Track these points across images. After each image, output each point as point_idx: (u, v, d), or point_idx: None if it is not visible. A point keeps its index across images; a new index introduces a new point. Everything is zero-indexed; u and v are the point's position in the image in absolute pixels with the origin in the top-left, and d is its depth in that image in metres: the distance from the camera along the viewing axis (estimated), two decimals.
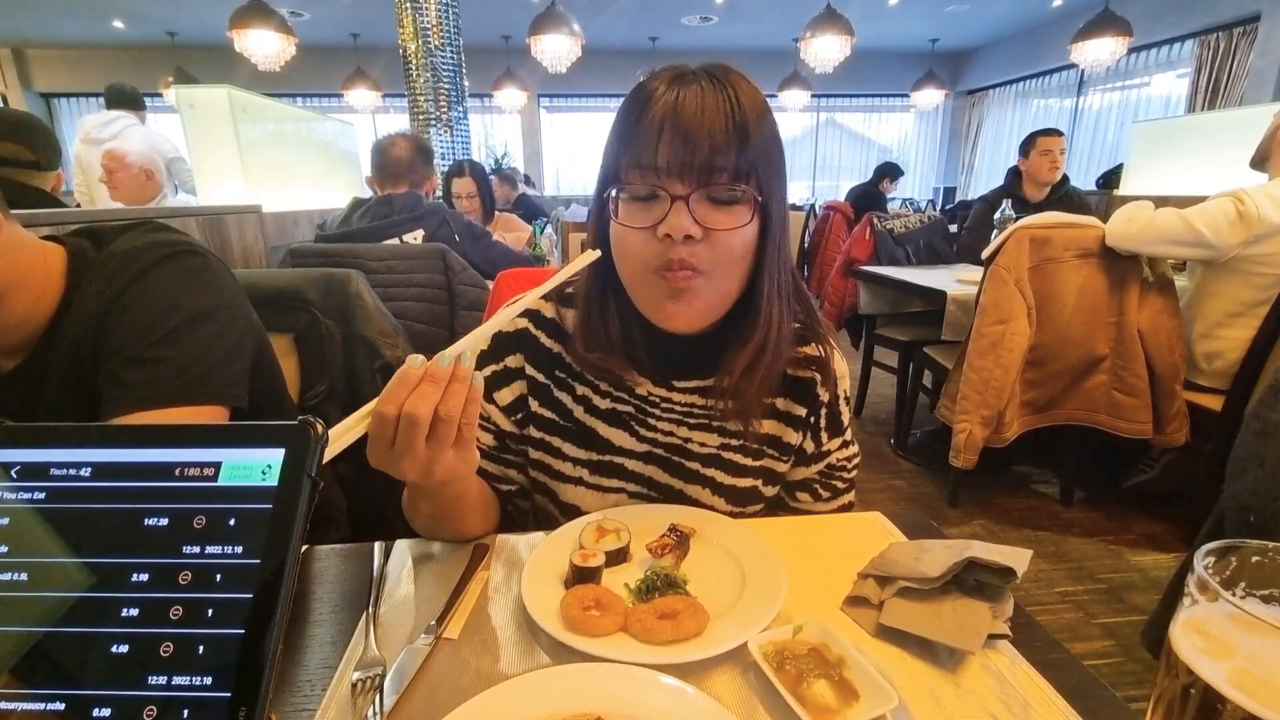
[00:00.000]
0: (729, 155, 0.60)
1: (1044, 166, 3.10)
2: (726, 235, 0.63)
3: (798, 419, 0.78)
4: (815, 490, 0.83)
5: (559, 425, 0.76)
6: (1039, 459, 2.65)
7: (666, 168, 0.61)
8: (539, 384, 0.76)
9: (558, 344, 0.77)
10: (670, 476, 0.77)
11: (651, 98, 0.62)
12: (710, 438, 0.76)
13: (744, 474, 0.77)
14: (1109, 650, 1.67)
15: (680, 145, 0.60)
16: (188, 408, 0.72)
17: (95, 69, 8.21)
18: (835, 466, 0.83)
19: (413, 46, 4.19)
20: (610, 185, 0.65)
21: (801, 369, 0.77)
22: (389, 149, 2.12)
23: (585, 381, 0.76)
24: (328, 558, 0.69)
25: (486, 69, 7.30)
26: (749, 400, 0.72)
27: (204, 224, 2.04)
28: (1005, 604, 0.57)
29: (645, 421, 0.76)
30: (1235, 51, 5.56)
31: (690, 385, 0.75)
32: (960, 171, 9.69)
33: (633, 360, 0.73)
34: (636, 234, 0.63)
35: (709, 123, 0.60)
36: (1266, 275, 1.84)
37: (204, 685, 0.29)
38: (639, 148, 0.61)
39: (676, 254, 0.62)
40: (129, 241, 0.78)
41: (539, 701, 0.46)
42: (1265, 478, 0.86)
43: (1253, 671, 0.26)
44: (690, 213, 0.61)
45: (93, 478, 0.33)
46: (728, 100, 0.61)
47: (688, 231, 0.61)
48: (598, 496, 0.77)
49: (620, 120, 0.65)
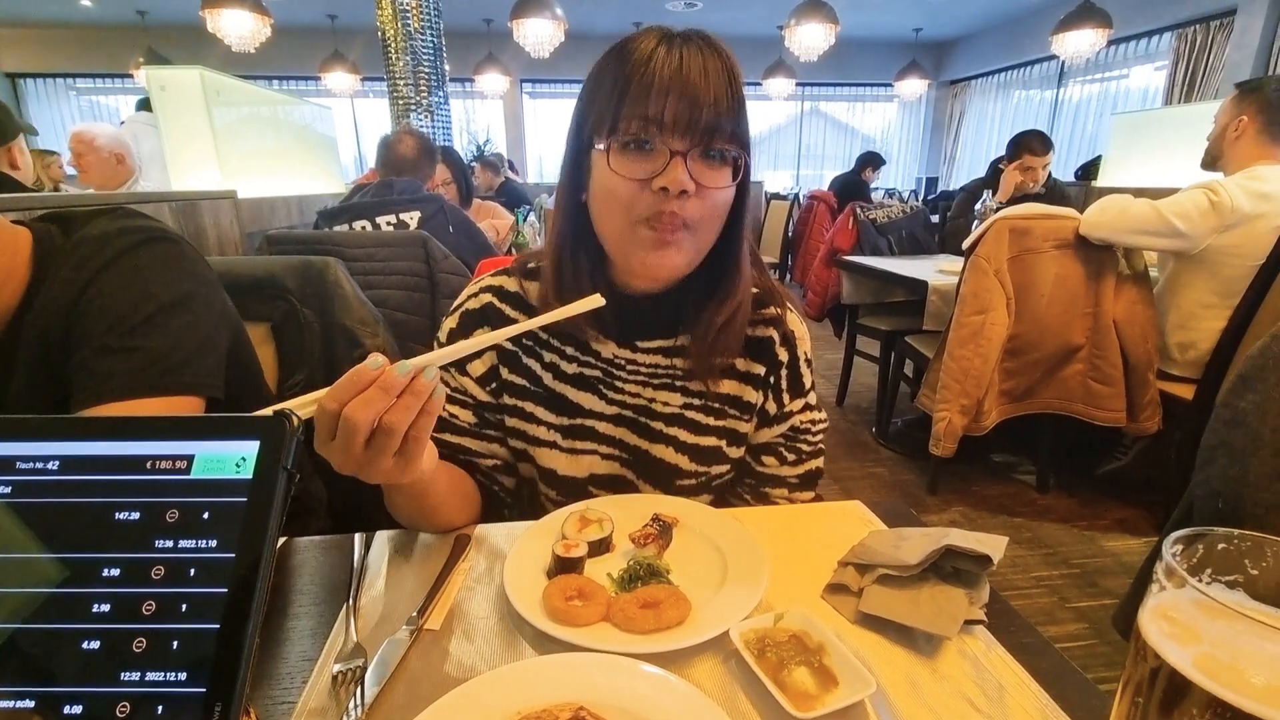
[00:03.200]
0: (728, 118, 0.64)
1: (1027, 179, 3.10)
2: (715, 193, 0.66)
3: (756, 377, 0.80)
4: (780, 453, 0.84)
5: (530, 391, 0.79)
6: (1016, 447, 2.70)
7: (672, 124, 0.62)
8: (508, 352, 0.79)
9: (523, 315, 0.78)
10: (638, 438, 0.79)
11: (651, 55, 0.63)
12: (674, 397, 0.79)
13: (706, 433, 0.79)
14: (1082, 633, 1.71)
15: (686, 104, 0.62)
16: (161, 398, 0.70)
17: (63, 49, 7.96)
18: (799, 429, 0.84)
19: (391, 29, 4.10)
20: (599, 134, 0.66)
21: (759, 329, 0.80)
22: (395, 145, 2.19)
23: (552, 349, 0.78)
24: (307, 549, 0.68)
25: (468, 53, 7.18)
26: (712, 358, 0.75)
27: (177, 210, 1.99)
28: (982, 590, 0.58)
29: (612, 384, 0.78)
30: (1212, 44, 5.64)
31: (653, 345, 0.78)
32: (942, 162, 9.76)
33: (597, 321, 0.75)
34: (629, 185, 0.65)
35: (713, 86, 0.63)
36: (1237, 267, 1.88)
37: (178, 681, 0.29)
38: (644, 102, 0.62)
39: (669, 206, 0.64)
40: (99, 227, 0.75)
41: (521, 692, 0.46)
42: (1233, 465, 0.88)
43: (1217, 656, 0.27)
44: (687, 169, 0.63)
45: (61, 471, 0.32)
46: (726, 66, 0.64)
47: (684, 186, 0.63)
48: (571, 459, 0.79)
49: (613, 74, 0.65)
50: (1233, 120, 2.00)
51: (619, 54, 0.65)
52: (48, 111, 8.38)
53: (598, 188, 0.68)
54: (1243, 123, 1.97)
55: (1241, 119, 1.98)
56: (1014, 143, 3.11)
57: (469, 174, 2.85)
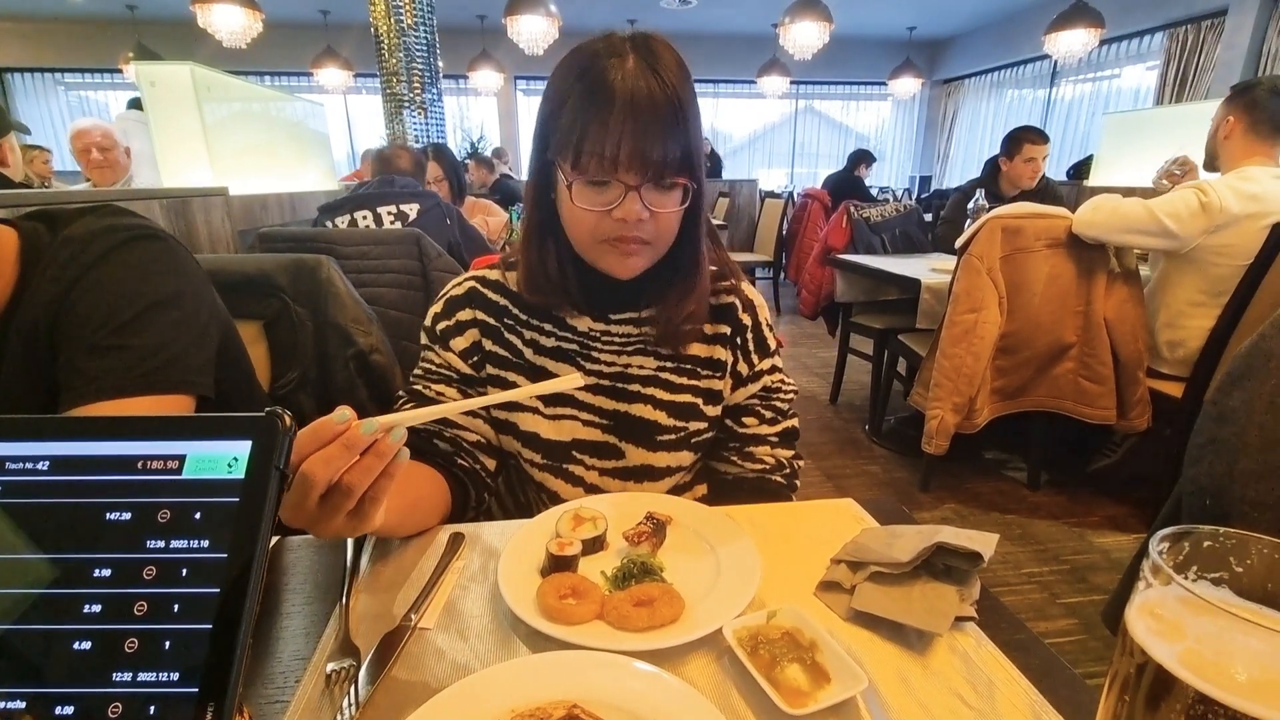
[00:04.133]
0: (675, 147, 0.69)
1: (1025, 173, 3.08)
2: (668, 214, 0.73)
3: (724, 337, 0.86)
4: (759, 413, 0.89)
5: (512, 362, 0.84)
6: (1008, 445, 2.72)
7: (627, 162, 0.68)
8: (490, 326, 0.84)
9: (504, 298, 0.85)
10: (616, 401, 0.84)
11: (607, 88, 0.67)
12: (648, 361, 0.84)
13: (682, 391, 0.85)
14: (1072, 629, 1.72)
15: (638, 145, 0.67)
16: (151, 397, 0.70)
17: (52, 44, 7.88)
18: (771, 389, 0.90)
19: (384, 25, 4.08)
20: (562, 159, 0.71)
21: (722, 297, 0.87)
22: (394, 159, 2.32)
23: (531, 326, 0.84)
24: (300, 548, 0.68)
25: (461, 50, 7.15)
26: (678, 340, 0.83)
27: (167, 207, 1.98)
28: (972, 587, 0.59)
29: (589, 356, 0.83)
30: (1203, 44, 5.67)
31: (624, 317, 0.84)
32: (936, 161, 9.79)
33: (570, 299, 0.81)
34: (591, 214, 0.72)
35: (660, 118, 0.67)
36: (1226, 266, 1.89)
37: (170, 681, 0.29)
38: (600, 141, 0.67)
39: (629, 232, 0.72)
40: (86, 225, 0.75)
41: (515, 690, 0.46)
42: (1221, 463, 0.89)
43: (1202, 653, 0.27)
44: (641, 199, 0.70)
45: (51, 471, 0.32)
46: (669, 88, 0.68)
47: (639, 216, 0.70)
48: (553, 425, 0.83)
49: (575, 100, 0.69)
50: (1222, 121, 2.02)
51: (580, 75, 0.69)
52: (36, 107, 8.30)
53: (564, 206, 0.75)
54: (1230, 123, 1.99)
55: (1229, 119, 1.99)
56: (1010, 138, 3.09)
57: (461, 171, 2.84)
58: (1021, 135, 3.08)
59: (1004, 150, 3.13)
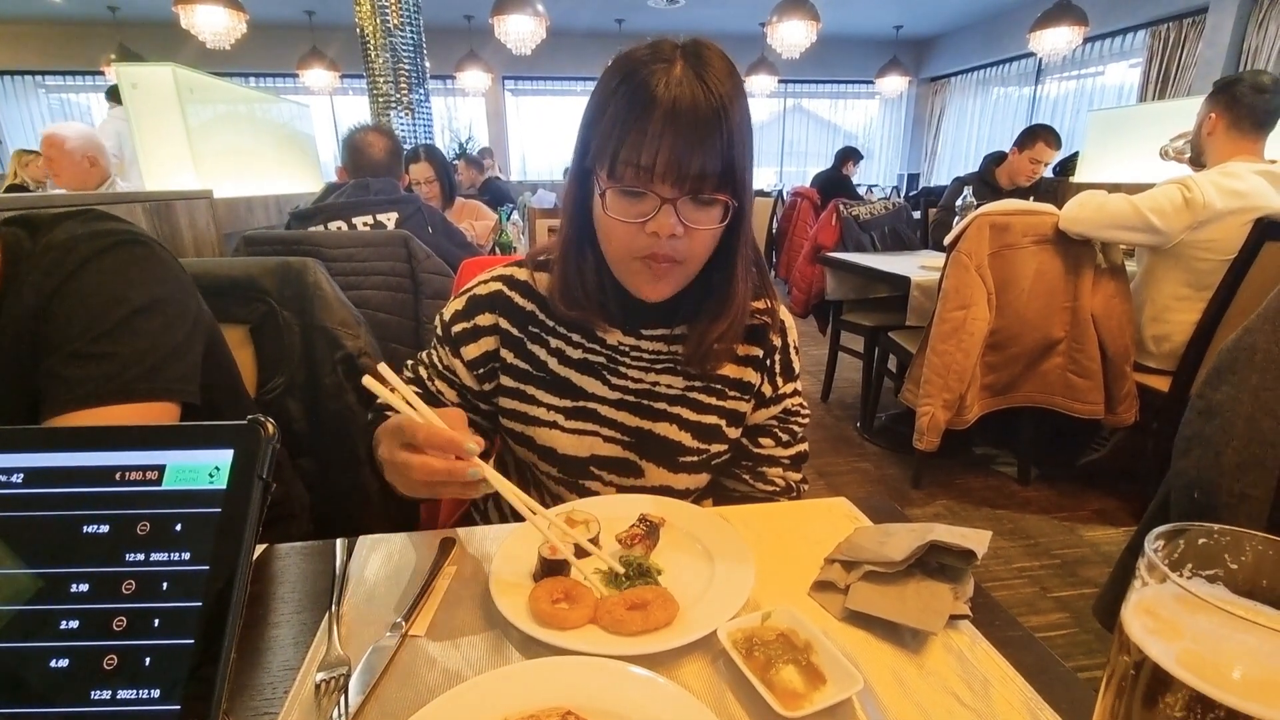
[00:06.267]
0: (716, 162, 0.65)
1: (1026, 171, 3.13)
2: (705, 232, 0.69)
3: (755, 359, 0.84)
4: (775, 434, 0.89)
5: (533, 375, 0.81)
6: (998, 440, 2.73)
7: (663, 173, 0.65)
8: (513, 337, 0.81)
9: (531, 303, 0.82)
10: (640, 419, 0.81)
11: (650, 94, 0.64)
12: (676, 380, 0.82)
13: (708, 411, 0.83)
14: (1063, 622, 1.74)
15: (676, 155, 0.64)
16: (134, 405, 0.69)
17: (31, 45, 7.76)
18: (790, 411, 0.89)
19: (370, 25, 4.05)
20: (599, 167, 0.68)
21: (755, 317, 0.84)
22: (365, 149, 2.10)
23: (558, 335, 0.81)
24: (288, 556, 0.67)
25: (449, 50, 7.11)
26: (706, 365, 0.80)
27: (151, 211, 1.95)
28: (966, 584, 0.59)
29: (616, 370, 0.81)
30: (1184, 42, 5.74)
31: (656, 333, 0.81)
32: (924, 158, 9.85)
33: (604, 311, 0.78)
34: (625, 226, 0.68)
35: (702, 132, 0.64)
36: (1210, 261, 1.91)
37: (151, 698, 0.28)
38: (637, 150, 0.64)
39: (661, 248, 0.68)
40: (68, 231, 0.73)
41: (509, 697, 0.46)
42: (1208, 456, 0.90)
43: (1199, 652, 0.27)
44: (676, 213, 0.66)
45: (25, 484, 0.31)
46: (715, 97, 0.64)
47: (673, 231, 0.67)
48: (573, 439, 0.81)
49: (616, 105, 0.66)
50: (1205, 118, 2.04)
51: (624, 79, 0.66)
52: (16, 110, 8.17)
53: (599, 217, 0.72)
54: (1213, 120, 2.01)
55: (1212, 116, 2.02)
56: (1028, 131, 3.13)
57: (452, 172, 2.82)
58: (1040, 132, 3.12)
59: (1017, 141, 3.17)
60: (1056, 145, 3.09)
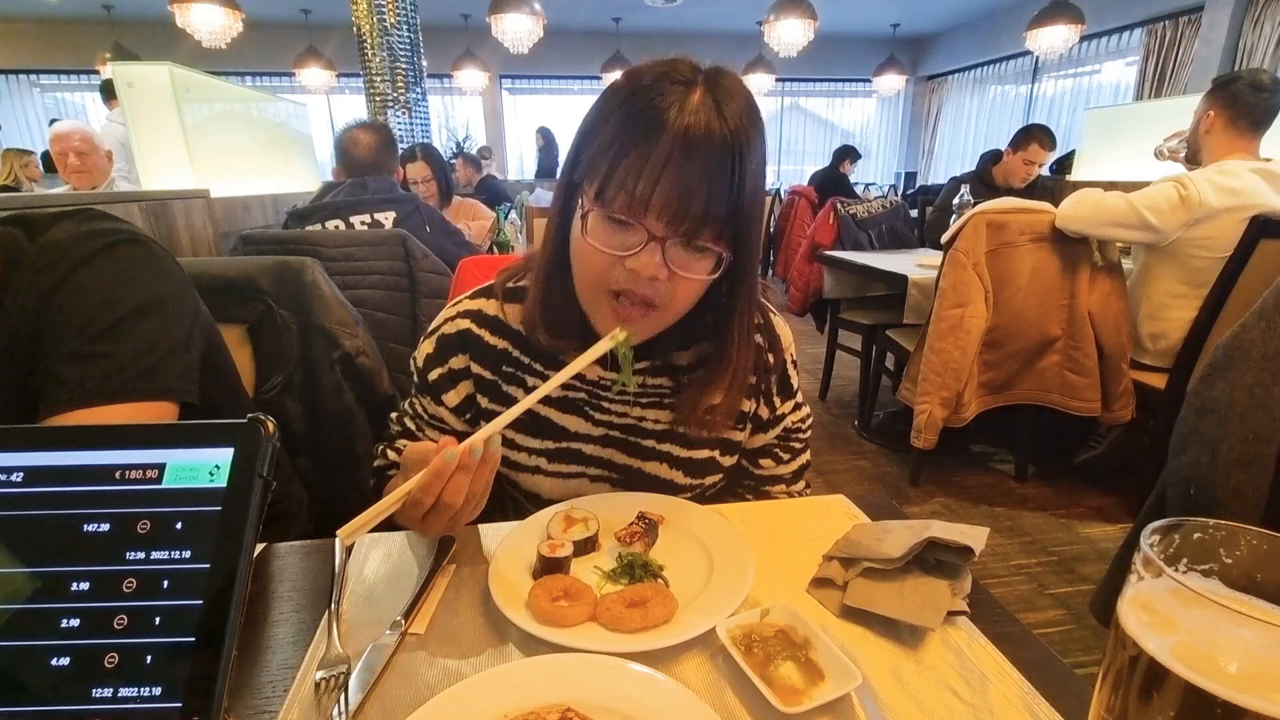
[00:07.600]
0: (721, 205, 0.59)
1: (1020, 171, 3.13)
2: (691, 282, 0.63)
3: (751, 388, 0.79)
4: (776, 454, 0.85)
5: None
6: (995, 438, 2.74)
7: (659, 208, 0.58)
8: (486, 381, 0.77)
9: (504, 340, 0.76)
10: (628, 456, 0.77)
11: (659, 114, 0.57)
12: (663, 414, 0.77)
13: (699, 445, 0.78)
14: (1060, 619, 1.74)
15: (678, 190, 0.57)
16: (132, 404, 0.68)
17: (26, 44, 7.74)
18: (791, 429, 0.86)
19: (367, 24, 4.04)
20: (588, 184, 0.61)
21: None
22: (353, 148, 2.09)
23: (535, 373, 0.76)
24: (287, 555, 0.67)
25: (445, 49, 7.10)
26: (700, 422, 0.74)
27: (148, 210, 1.94)
28: (964, 581, 0.59)
29: (599, 405, 0.76)
30: (1181, 40, 5.75)
31: (640, 366, 0.75)
32: (921, 157, 9.87)
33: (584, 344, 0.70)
34: (603, 256, 0.61)
35: (713, 169, 0.57)
36: (1206, 259, 1.92)
37: (152, 696, 0.28)
38: (635, 178, 0.57)
39: (637, 288, 0.61)
40: (65, 231, 0.73)
41: (508, 695, 0.46)
42: (1204, 453, 0.90)
43: (1194, 645, 0.28)
44: (663, 254, 0.59)
45: (26, 483, 0.31)
46: (731, 133, 0.58)
47: (655, 274, 0.60)
48: (558, 483, 0.77)
49: (618, 119, 0.60)
50: (1203, 115, 2.04)
51: (633, 93, 0.59)
52: (10, 109, 8.15)
53: (575, 240, 0.65)
54: (1210, 118, 2.02)
55: (1209, 114, 2.02)
56: (1024, 131, 3.14)
57: (449, 171, 2.81)
58: (1034, 132, 3.12)
59: (1011, 142, 3.17)
60: (1051, 146, 3.10)
